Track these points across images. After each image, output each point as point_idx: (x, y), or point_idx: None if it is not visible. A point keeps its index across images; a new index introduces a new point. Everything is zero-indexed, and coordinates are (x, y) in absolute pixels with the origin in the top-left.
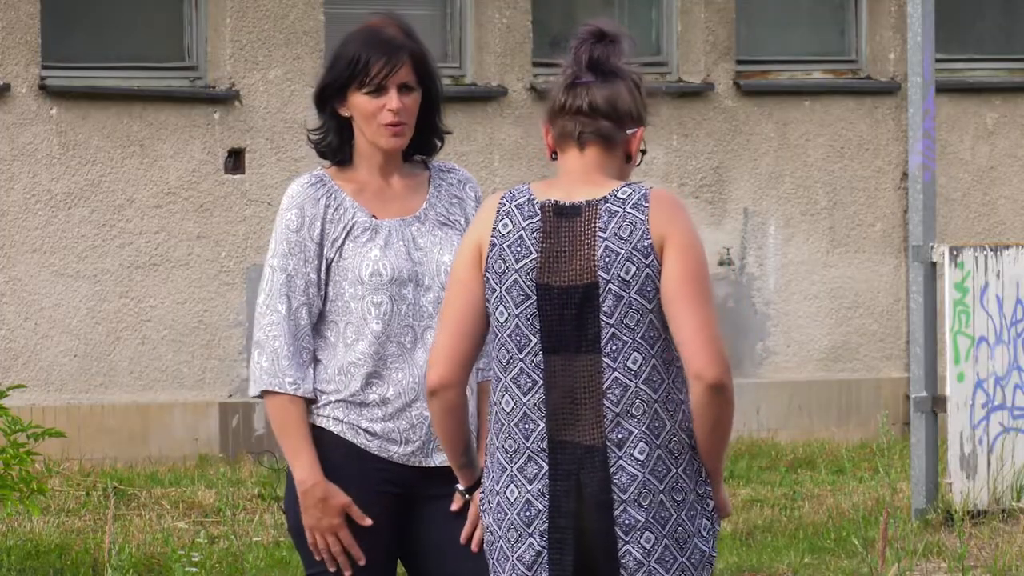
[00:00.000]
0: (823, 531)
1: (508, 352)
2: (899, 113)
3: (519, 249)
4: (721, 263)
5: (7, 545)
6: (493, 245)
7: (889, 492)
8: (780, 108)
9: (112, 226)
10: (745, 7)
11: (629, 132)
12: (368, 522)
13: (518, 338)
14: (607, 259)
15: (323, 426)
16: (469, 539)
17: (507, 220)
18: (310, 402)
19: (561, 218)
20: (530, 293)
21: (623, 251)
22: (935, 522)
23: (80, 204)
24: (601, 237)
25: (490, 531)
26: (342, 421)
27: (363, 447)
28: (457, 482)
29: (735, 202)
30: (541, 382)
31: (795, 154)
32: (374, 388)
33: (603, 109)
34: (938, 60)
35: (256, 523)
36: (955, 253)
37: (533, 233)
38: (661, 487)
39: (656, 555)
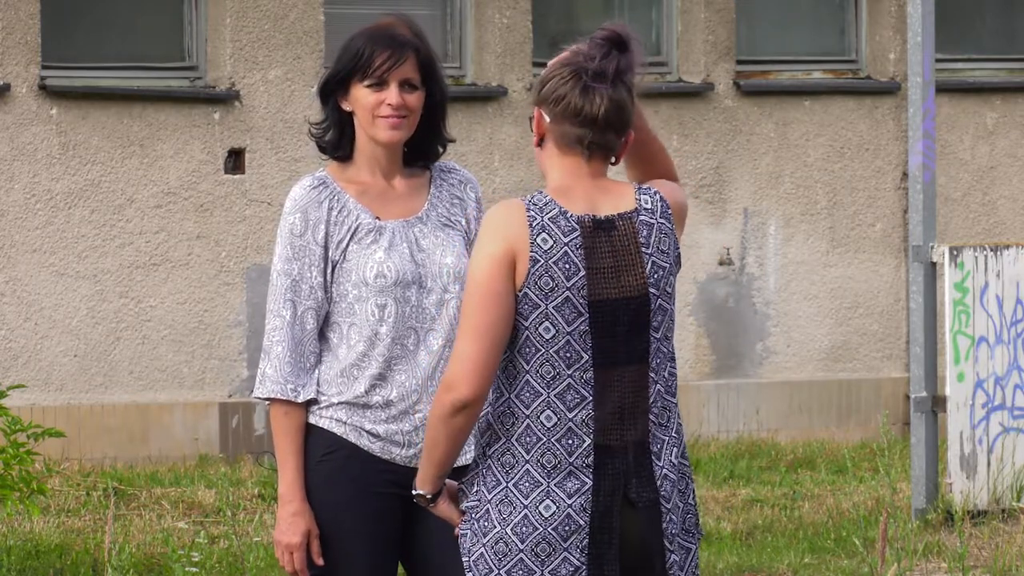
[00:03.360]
0: (823, 531)
1: (554, 368)
2: (899, 113)
3: (567, 266)
4: (721, 263)
5: (7, 545)
6: (535, 261)
7: (889, 492)
8: (780, 108)
9: (112, 226)
10: (745, 7)
11: (623, 139)
12: (320, 562)
13: (568, 354)
14: (656, 275)
15: (325, 427)
16: None
17: (545, 235)
18: (312, 402)
19: (599, 232)
20: (583, 311)
21: (667, 265)
22: (935, 522)
23: (80, 204)
24: (646, 253)
25: (504, 542)
26: (345, 423)
27: (366, 449)
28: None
29: (735, 202)
30: (590, 398)
31: (795, 154)
32: (378, 390)
33: (613, 121)
34: (938, 60)
35: (256, 523)
36: (955, 253)
37: (577, 250)
38: (679, 486)
39: (683, 555)
